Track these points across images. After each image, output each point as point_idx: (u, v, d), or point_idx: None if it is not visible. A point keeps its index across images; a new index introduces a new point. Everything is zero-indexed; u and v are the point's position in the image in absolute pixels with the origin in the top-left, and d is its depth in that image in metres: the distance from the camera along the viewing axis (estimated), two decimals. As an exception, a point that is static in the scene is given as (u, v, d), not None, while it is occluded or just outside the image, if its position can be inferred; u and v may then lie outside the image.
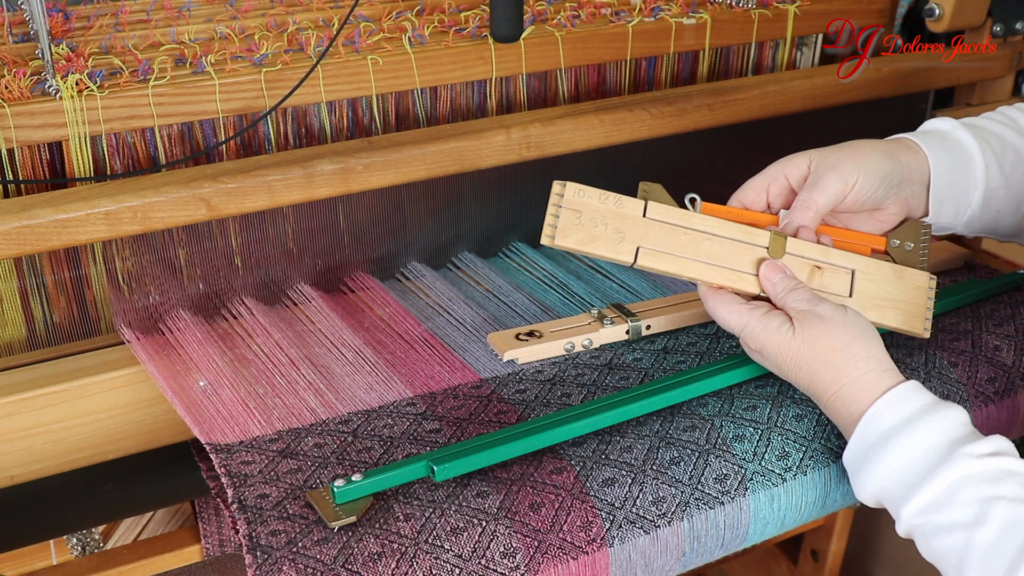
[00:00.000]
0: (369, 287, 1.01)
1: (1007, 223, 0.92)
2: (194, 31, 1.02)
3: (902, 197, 0.86)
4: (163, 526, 1.15)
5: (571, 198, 0.79)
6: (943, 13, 1.18)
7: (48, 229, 0.82)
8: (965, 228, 0.92)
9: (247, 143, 0.98)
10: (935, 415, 0.74)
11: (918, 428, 0.74)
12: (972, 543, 0.70)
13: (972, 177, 0.89)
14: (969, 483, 0.71)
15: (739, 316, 0.81)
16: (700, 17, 1.12)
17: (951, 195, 0.88)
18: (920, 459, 0.73)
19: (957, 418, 0.75)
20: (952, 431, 0.74)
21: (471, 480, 0.76)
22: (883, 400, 0.76)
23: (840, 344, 0.77)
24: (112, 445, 0.89)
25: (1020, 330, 0.96)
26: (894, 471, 0.74)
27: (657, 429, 0.82)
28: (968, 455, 0.72)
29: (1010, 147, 0.91)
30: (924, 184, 0.87)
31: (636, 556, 0.76)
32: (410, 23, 1.05)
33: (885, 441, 0.75)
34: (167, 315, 0.94)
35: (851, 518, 1.48)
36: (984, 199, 0.90)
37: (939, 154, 0.88)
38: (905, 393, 0.76)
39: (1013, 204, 0.91)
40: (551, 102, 1.10)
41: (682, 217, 0.82)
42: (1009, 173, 0.90)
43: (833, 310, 0.79)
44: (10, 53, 0.95)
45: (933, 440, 0.73)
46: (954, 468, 0.72)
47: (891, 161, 0.85)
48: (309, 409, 0.84)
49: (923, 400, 0.76)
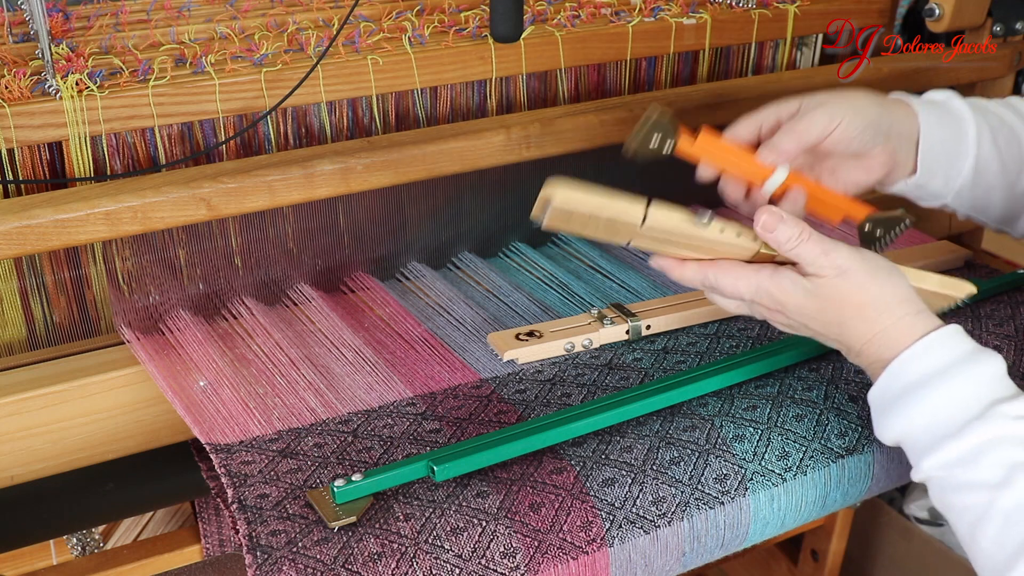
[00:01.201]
0: (369, 287, 1.01)
1: (997, 204, 0.91)
2: (194, 31, 1.02)
3: (890, 148, 0.86)
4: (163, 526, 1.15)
5: (559, 206, 0.72)
6: (943, 13, 1.18)
7: (48, 229, 0.82)
8: (955, 200, 0.91)
9: (247, 143, 0.98)
10: (973, 366, 0.72)
11: (955, 379, 0.72)
12: (994, 504, 0.68)
13: (964, 145, 0.89)
14: (1001, 444, 0.69)
15: (747, 281, 0.76)
16: (700, 17, 1.12)
17: (941, 159, 0.88)
18: (954, 412, 0.71)
19: (995, 370, 0.73)
20: (990, 384, 0.72)
21: (471, 480, 0.76)
22: (921, 344, 0.73)
23: (869, 297, 0.74)
24: (112, 445, 0.89)
25: (1020, 330, 0.96)
26: (924, 420, 0.72)
27: (657, 429, 0.82)
28: (1004, 415, 0.70)
29: (1007, 126, 0.91)
30: (913, 141, 0.87)
31: (636, 556, 0.76)
32: (410, 23, 1.05)
33: (918, 387, 0.72)
34: (167, 315, 0.94)
35: (851, 518, 1.48)
36: (975, 169, 0.89)
37: (930, 115, 0.88)
38: (944, 338, 0.73)
39: (1005, 182, 0.90)
40: (551, 102, 1.10)
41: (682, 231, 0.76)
42: (1003, 149, 0.90)
43: (850, 257, 0.74)
44: (10, 53, 0.95)
45: (969, 393, 0.71)
46: (988, 427, 0.70)
47: (880, 108, 0.85)
48: (309, 409, 0.84)
49: (962, 348, 0.73)
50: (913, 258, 1.06)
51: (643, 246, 0.77)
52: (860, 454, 0.83)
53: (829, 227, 1.13)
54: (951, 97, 0.91)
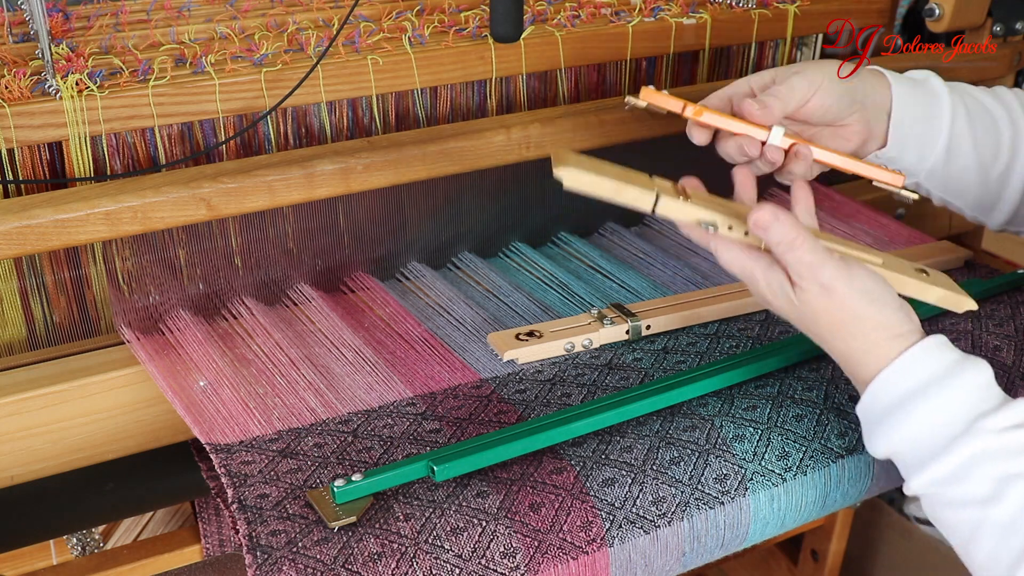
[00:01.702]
0: (369, 287, 1.01)
1: (971, 189, 0.91)
2: (194, 31, 1.02)
3: (865, 118, 0.86)
4: (163, 526, 1.15)
5: (569, 185, 0.74)
6: (943, 13, 1.18)
7: (48, 229, 0.82)
8: (928, 179, 0.91)
9: (247, 143, 0.98)
10: (954, 380, 0.71)
11: (937, 395, 0.71)
12: (986, 520, 0.68)
13: (938, 122, 0.89)
14: (987, 458, 0.68)
15: (741, 264, 0.76)
16: (700, 17, 1.12)
17: (913, 133, 0.88)
18: (938, 430, 0.70)
19: (979, 379, 0.71)
20: (973, 397, 0.71)
21: (471, 480, 0.76)
22: (894, 366, 0.72)
23: (847, 317, 0.73)
24: (112, 445, 0.89)
25: (1020, 330, 0.96)
26: (909, 439, 0.71)
27: (657, 429, 0.82)
28: (988, 429, 0.69)
29: (988, 112, 0.90)
30: (886, 112, 0.88)
31: (636, 556, 0.76)
32: (410, 23, 1.05)
33: (898, 408, 0.72)
34: (167, 315, 0.94)
35: (851, 518, 1.48)
36: (948, 148, 0.89)
37: (904, 88, 0.88)
38: (920, 355, 0.72)
39: (979, 167, 0.90)
40: (551, 102, 1.10)
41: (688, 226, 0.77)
42: (980, 133, 0.89)
43: (836, 275, 0.72)
44: (10, 53, 0.95)
45: (952, 409, 0.70)
46: (973, 442, 0.69)
47: (856, 76, 0.86)
48: (309, 409, 0.84)
49: (941, 362, 0.72)
50: (914, 258, 1.06)
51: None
52: (860, 454, 0.83)
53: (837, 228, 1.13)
54: (931, 76, 0.91)
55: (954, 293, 0.81)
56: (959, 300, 0.81)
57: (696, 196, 0.77)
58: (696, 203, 0.75)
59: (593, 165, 0.75)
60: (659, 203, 0.74)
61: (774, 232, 0.72)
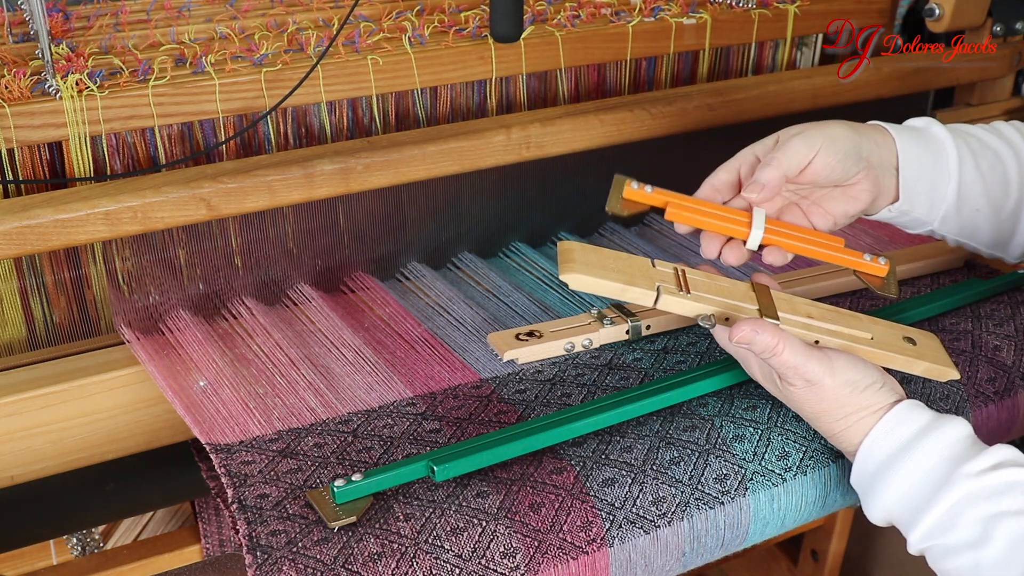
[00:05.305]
0: (369, 287, 1.01)
1: (985, 228, 0.91)
2: (194, 31, 1.02)
3: (872, 175, 0.86)
4: (163, 526, 1.15)
5: (575, 287, 0.78)
6: (943, 13, 1.18)
7: (48, 229, 0.82)
8: (941, 225, 0.91)
9: (247, 143, 0.98)
10: (931, 434, 0.75)
11: (915, 453, 0.75)
12: (981, 562, 0.71)
13: (945, 168, 0.89)
14: (971, 502, 0.71)
15: (735, 350, 0.83)
16: (700, 17, 1.12)
17: (923, 184, 0.88)
18: (919, 485, 0.74)
19: (955, 433, 0.75)
20: (950, 450, 0.74)
21: (471, 480, 0.76)
22: (873, 434, 0.77)
23: (831, 405, 0.78)
24: (112, 445, 0.89)
25: (1020, 330, 0.96)
26: (897, 499, 0.75)
27: (657, 429, 0.82)
28: (967, 474, 0.72)
29: (990, 150, 0.90)
30: (893, 167, 0.87)
31: (636, 556, 0.76)
32: (410, 23, 1.05)
33: (885, 469, 0.76)
34: (167, 315, 0.94)
35: (851, 518, 1.48)
36: (959, 192, 0.89)
37: (908, 140, 0.88)
38: (898, 417, 0.77)
39: (990, 206, 0.90)
40: (551, 102, 1.10)
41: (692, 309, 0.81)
42: (987, 172, 0.90)
43: (820, 371, 0.77)
44: (10, 53, 0.95)
45: (930, 463, 0.74)
46: (954, 489, 0.72)
47: (856, 134, 0.85)
48: (309, 409, 0.84)
49: (918, 421, 0.76)
50: (914, 258, 1.06)
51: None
52: (860, 454, 0.83)
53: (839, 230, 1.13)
54: (930, 123, 0.91)
55: (939, 365, 0.84)
56: (943, 371, 0.85)
57: (696, 284, 0.81)
58: (694, 297, 0.80)
59: (598, 262, 0.79)
60: (659, 300, 0.79)
61: (756, 345, 0.77)
